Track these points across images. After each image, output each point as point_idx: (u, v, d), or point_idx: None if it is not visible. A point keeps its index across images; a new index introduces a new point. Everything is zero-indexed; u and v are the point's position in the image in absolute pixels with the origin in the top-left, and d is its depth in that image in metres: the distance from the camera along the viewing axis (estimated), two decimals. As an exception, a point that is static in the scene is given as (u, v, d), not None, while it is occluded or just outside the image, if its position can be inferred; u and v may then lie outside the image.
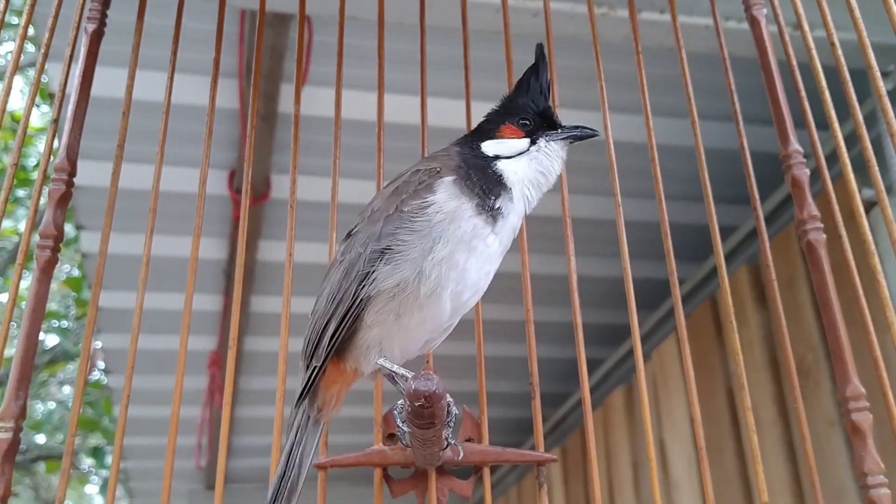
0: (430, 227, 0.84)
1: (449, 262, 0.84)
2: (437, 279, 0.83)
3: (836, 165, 0.96)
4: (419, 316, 0.84)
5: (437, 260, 0.83)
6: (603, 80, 1.08)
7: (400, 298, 0.83)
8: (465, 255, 0.85)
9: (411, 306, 0.83)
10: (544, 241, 2.18)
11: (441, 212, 0.85)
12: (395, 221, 0.85)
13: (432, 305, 0.84)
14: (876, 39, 1.00)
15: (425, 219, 0.84)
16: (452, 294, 0.85)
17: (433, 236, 0.84)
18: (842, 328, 0.84)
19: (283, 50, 2.16)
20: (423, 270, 0.83)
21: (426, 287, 0.83)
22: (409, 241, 0.84)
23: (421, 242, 0.84)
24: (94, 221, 2.83)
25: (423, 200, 0.86)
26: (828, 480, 2.10)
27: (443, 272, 0.83)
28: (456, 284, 0.84)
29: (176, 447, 0.91)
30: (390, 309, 0.83)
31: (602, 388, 3.63)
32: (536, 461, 0.92)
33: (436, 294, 0.83)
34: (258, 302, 3.22)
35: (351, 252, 0.87)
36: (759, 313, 2.53)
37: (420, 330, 0.86)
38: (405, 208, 0.86)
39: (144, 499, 5.11)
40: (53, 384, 7.57)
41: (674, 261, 0.97)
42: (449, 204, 0.86)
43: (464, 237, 0.85)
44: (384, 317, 0.84)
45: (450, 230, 0.84)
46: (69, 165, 0.92)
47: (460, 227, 0.85)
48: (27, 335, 0.84)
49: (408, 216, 0.85)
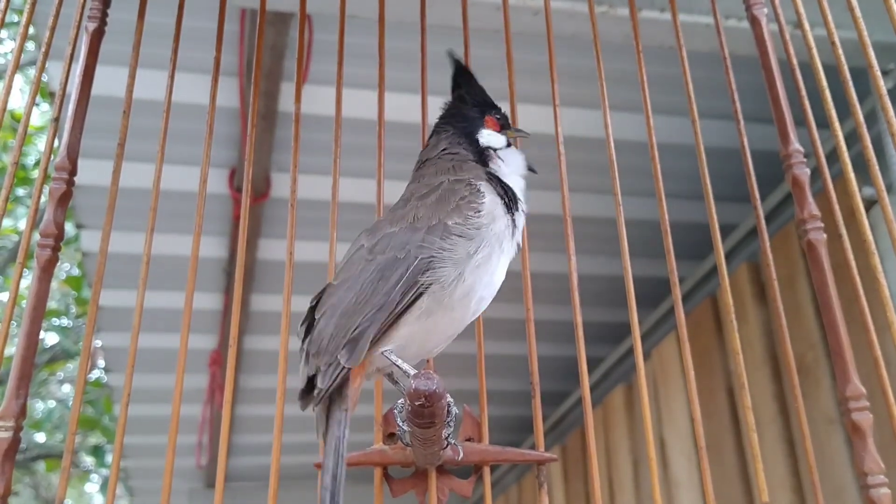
0: (478, 232, 0.86)
1: (486, 265, 0.85)
2: (473, 283, 0.84)
3: (836, 164, 0.96)
4: (449, 317, 0.84)
5: (476, 263, 0.84)
6: (603, 78, 1.08)
7: (435, 298, 0.83)
8: (497, 256, 0.87)
9: (444, 307, 0.83)
10: (545, 240, 2.18)
11: (489, 215, 0.87)
12: (439, 231, 0.85)
13: (462, 308, 0.85)
14: (876, 38, 1.00)
15: (474, 225, 0.86)
16: (478, 298, 0.86)
17: (478, 240, 0.85)
18: (842, 327, 0.84)
19: (283, 48, 2.16)
20: (462, 273, 0.84)
21: (461, 289, 0.84)
22: (454, 248, 0.84)
23: (466, 247, 0.85)
24: (94, 220, 2.83)
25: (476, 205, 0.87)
26: (828, 479, 2.10)
27: (478, 276, 0.85)
28: (484, 289, 0.86)
29: (176, 446, 0.91)
30: (422, 308, 0.83)
31: (602, 387, 3.63)
32: (536, 460, 0.92)
33: (468, 297, 0.84)
34: (258, 300, 3.22)
35: (386, 254, 0.86)
36: (759, 311, 2.53)
37: (446, 331, 0.86)
38: (452, 219, 0.86)
39: (144, 497, 5.12)
40: (53, 383, 7.57)
41: (674, 259, 0.97)
42: (495, 209, 0.89)
43: (498, 236, 0.87)
44: (415, 315, 0.83)
45: (491, 230, 0.86)
46: (70, 164, 0.92)
47: (498, 226, 0.87)
48: (27, 334, 0.84)
49: (456, 225, 0.86)
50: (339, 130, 1.06)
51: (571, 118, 2.45)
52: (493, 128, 1.00)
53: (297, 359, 0.88)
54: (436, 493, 0.90)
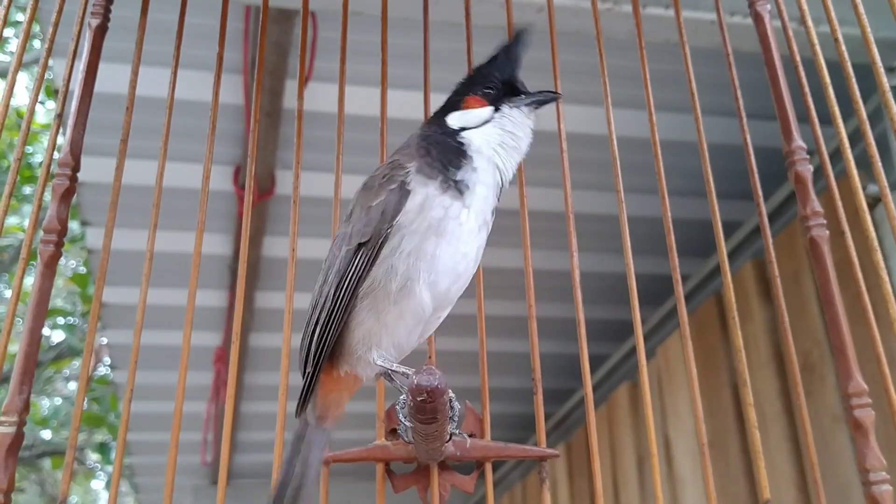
0: (398, 220, 0.83)
1: (417, 253, 0.83)
2: (406, 273, 0.82)
3: (839, 162, 0.96)
4: (395, 311, 0.83)
5: (405, 253, 0.82)
6: (606, 75, 1.08)
7: (373, 296, 0.83)
8: (434, 242, 0.83)
9: (386, 303, 0.83)
10: (547, 237, 2.18)
11: (407, 202, 0.84)
12: (362, 220, 0.85)
13: (406, 299, 0.83)
14: (880, 35, 1.00)
15: (393, 213, 0.84)
16: (427, 284, 0.83)
17: (401, 231, 0.83)
18: (844, 324, 0.84)
19: (287, 46, 2.16)
20: (393, 265, 0.82)
21: (397, 282, 0.82)
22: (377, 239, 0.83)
23: (389, 238, 0.83)
24: (99, 218, 2.83)
25: (388, 191, 0.85)
26: (833, 476, 2.10)
27: (411, 264, 0.82)
28: (428, 275, 0.83)
29: (180, 443, 0.91)
30: (367, 307, 0.83)
31: (607, 385, 3.63)
32: (539, 456, 0.92)
33: (407, 288, 0.82)
34: (263, 298, 3.22)
35: (329, 255, 0.87)
36: (765, 309, 2.52)
37: (401, 325, 0.84)
38: (372, 204, 0.85)
39: (150, 494, 5.13)
40: (59, 380, 7.59)
41: (677, 256, 0.97)
42: (416, 194, 0.85)
43: (432, 224, 0.83)
44: (363, 316, 0.83)
45: (416, 221, 0.83)
46: (73, 160, 0.92)
47: (430, 215, 0.84)
48: (31, 329, 0.84)
49: (375, 211, 0.84)
50: (342, 127, 1.06)
51: (574, 115, 2.44)
52: (474, 105, 0.95)
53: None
54: (438, 489, 0.90)
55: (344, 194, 1.04)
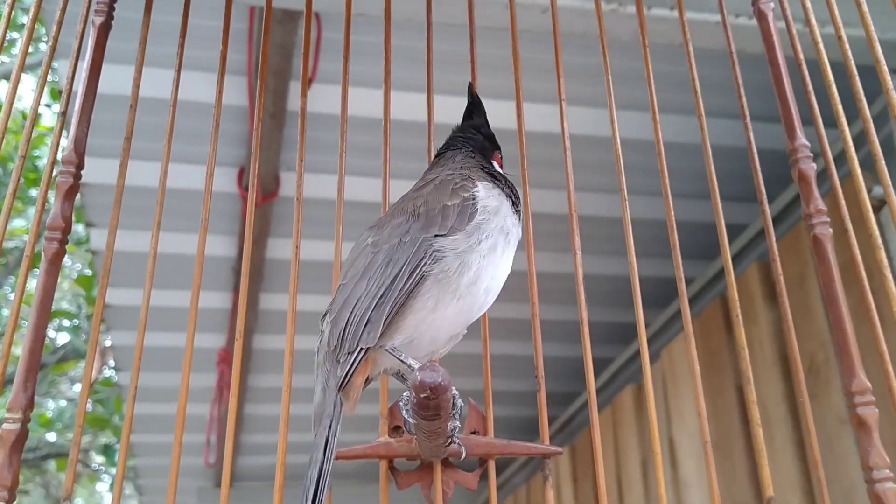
0: (476, 221, 0.88)
1: (490, 255, 0.87)
2: (478, 271, 0.85)
3: (844, 164, 0.95)
4: (456, 306, 0.85)
5: (481, 252, 0.86)
6: (610, 76, 1.08)
7: (441, 286, 0.84)
8: (503, 248, 0.88)
9: (451, 295, 0.84)
10: (551, 239, 2.18)
11: (487, 207, 0.89)
12: (438, 216, 0.88)
13: (469, 297, 0.85)
14: (886, 36, 1.00)
15: (471, 213, 0.88)
16: (485, 289, 0.87)
17: (480, 229, 0.87)
18: (848, 322, 0.83)
19: (291, 47, 2.16)
20: (466, 261, 0.85)
21: (467, 277, 0.85)
22: (455, 236, 0.86)
23: (467, 235, 0.86)
24: (103, 219, 2.83)
25: (469, 194, 0.90)
26: (838, 478, 2.09)
27: (483, 264, 0.86)
28: (491, 279, 0.87)
29: (184, 444, 0.91)
30: (430, 296, 0.84)
31: (611, 387, 3.63)
32: (541, 454, 0.92)
33: (475, 285, 0.85)
34: (267, 299, 3.23)
35: (391, 241, 0.88)
36: (770, 311, 2.52)
37: (454, 321, 0.87)
38: (450, 202, 0.89)
39: (154, 496, 5.14)
40: (64, 382, 7.60)
41: (680, 258, 0.97)
42: (491, 200, 0.90)
43: (503, 230, 0.89)
44: (423, 303, 0.84)
45: (493, 222, 0.88)
46: (76, 157, 0.92)
47: (504, 221, 0.89)
48: (35, 327, 0.84)
49: (453, 210, 0.88)
50: (345, 126, 1.06)
51: (578, 116, 2.44)
52: (498, 164, 1.03)
53: (309, 361, 0.88)
54: (441, 486, 0.90)
55: (347, 196, 1.04)
